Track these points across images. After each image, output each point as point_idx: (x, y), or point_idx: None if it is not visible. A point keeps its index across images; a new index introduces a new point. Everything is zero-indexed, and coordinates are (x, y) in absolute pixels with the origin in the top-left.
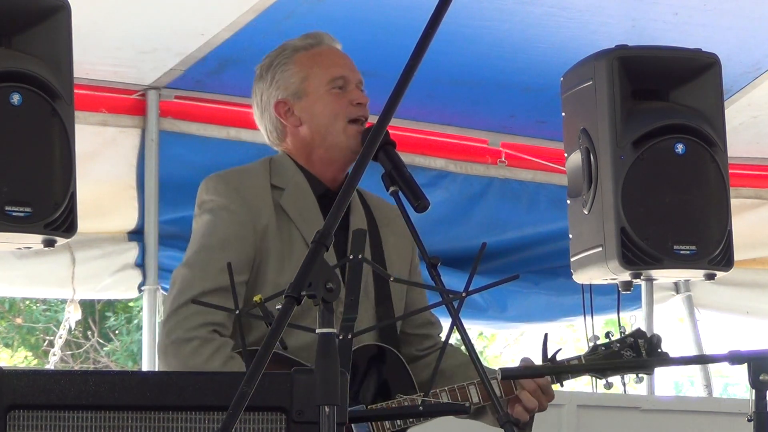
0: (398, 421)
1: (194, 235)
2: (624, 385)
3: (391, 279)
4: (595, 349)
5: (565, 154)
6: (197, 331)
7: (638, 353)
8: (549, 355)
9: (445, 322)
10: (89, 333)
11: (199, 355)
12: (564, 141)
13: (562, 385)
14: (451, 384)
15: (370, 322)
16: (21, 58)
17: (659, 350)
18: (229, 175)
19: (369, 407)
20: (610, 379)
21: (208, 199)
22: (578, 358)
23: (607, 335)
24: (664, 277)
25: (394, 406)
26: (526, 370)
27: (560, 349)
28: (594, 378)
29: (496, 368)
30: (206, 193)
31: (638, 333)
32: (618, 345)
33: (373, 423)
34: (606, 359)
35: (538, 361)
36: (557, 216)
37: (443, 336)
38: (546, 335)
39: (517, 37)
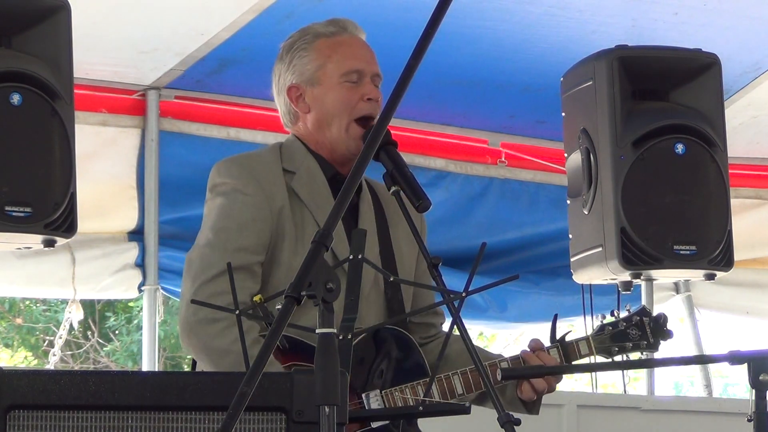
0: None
1: (208, 217)
2: (624, 385)
3: (391, 279)
4: (602, 329)
5: (565, 154)
6: (225, 312)
7: (643, 332)
8: (558, 337)
9: (446, 322)
10: (89, 333)
11: (225, 337)
12: (564, 141)
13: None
14: (455, 368)
15: (379, 308)
16: (21, 58)
17: (665, 329)
18: (242, 159)
19: (384, 391)
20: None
21: (221, 182)
22: (586, 338)
23: (612, 313)
24: (664, 277)
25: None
26: (526, 370)
27: (569, 332)
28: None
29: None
30: (219, 176)
31: (643, 311)
32: (624, 324)
33: (386, 400)
34: (612, 338)
35: (546, 342)
36: (557, 216)
37: (445, 328)
38: (555, 316)
39: (517, 37)
